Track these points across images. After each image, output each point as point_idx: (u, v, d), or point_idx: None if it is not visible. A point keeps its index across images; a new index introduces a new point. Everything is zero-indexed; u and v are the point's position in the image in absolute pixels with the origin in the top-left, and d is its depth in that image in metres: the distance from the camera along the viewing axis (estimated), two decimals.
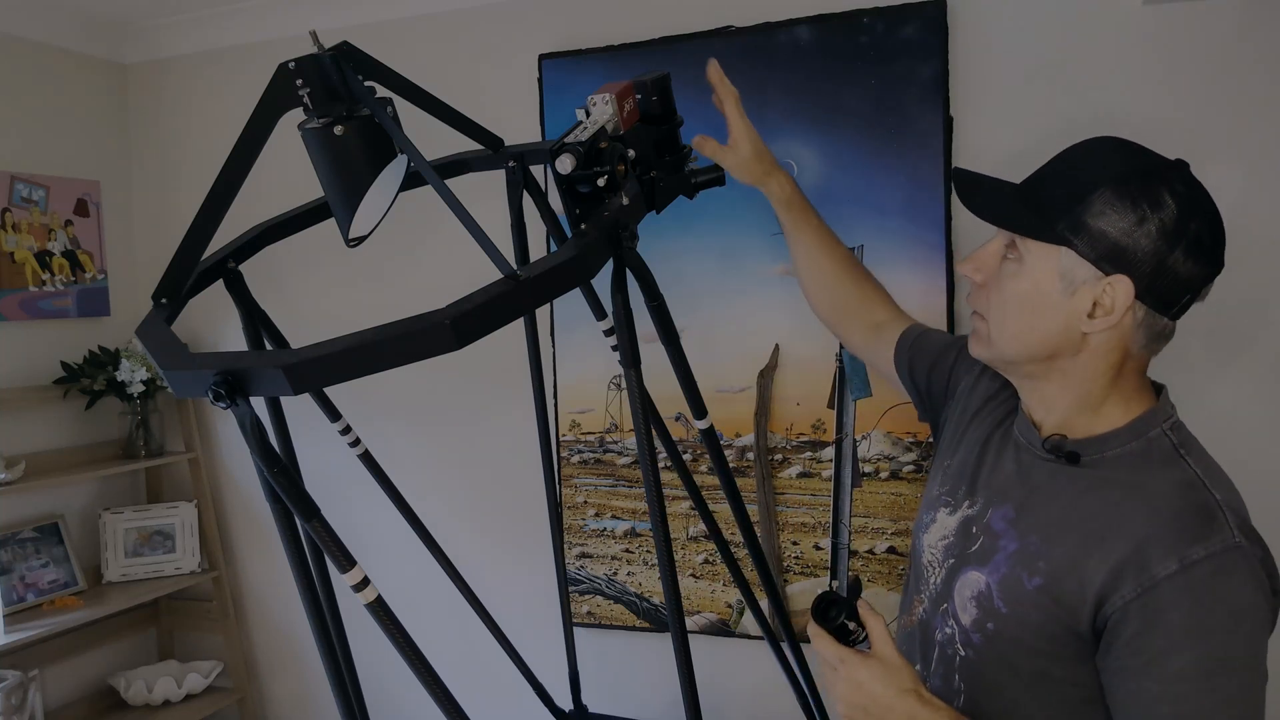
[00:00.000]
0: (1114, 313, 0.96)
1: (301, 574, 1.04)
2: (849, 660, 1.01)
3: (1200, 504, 0.93)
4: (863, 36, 1.98)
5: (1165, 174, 0.95)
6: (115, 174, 2.77)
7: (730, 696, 2.23)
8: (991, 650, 1.03)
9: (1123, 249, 0.94)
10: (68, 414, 2.61)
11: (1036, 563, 0.99)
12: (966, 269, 1.06)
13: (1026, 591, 0.99)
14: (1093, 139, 1.02)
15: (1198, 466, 0.97)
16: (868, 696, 0.99)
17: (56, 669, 2.53)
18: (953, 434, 1.21)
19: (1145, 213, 0.93)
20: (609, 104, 1.10)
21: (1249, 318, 1.82)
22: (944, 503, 1.15)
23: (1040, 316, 0.99)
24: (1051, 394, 1.04)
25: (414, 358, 0.90)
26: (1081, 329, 0.98)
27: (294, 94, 1.07)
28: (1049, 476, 1.03)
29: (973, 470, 1.13)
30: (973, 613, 1.05)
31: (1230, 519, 0.92)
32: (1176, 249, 0.94)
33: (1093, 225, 0.94)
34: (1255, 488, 1.02)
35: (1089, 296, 0.97)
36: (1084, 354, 1.00)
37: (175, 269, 1.10)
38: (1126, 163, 0.97)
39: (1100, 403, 1.02)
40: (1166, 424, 1.01)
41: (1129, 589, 0.92)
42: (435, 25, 2.40)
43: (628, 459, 2.27)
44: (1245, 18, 1.77)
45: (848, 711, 1.02)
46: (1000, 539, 1.04)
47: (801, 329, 2.09)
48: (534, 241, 1.66)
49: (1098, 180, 0.95)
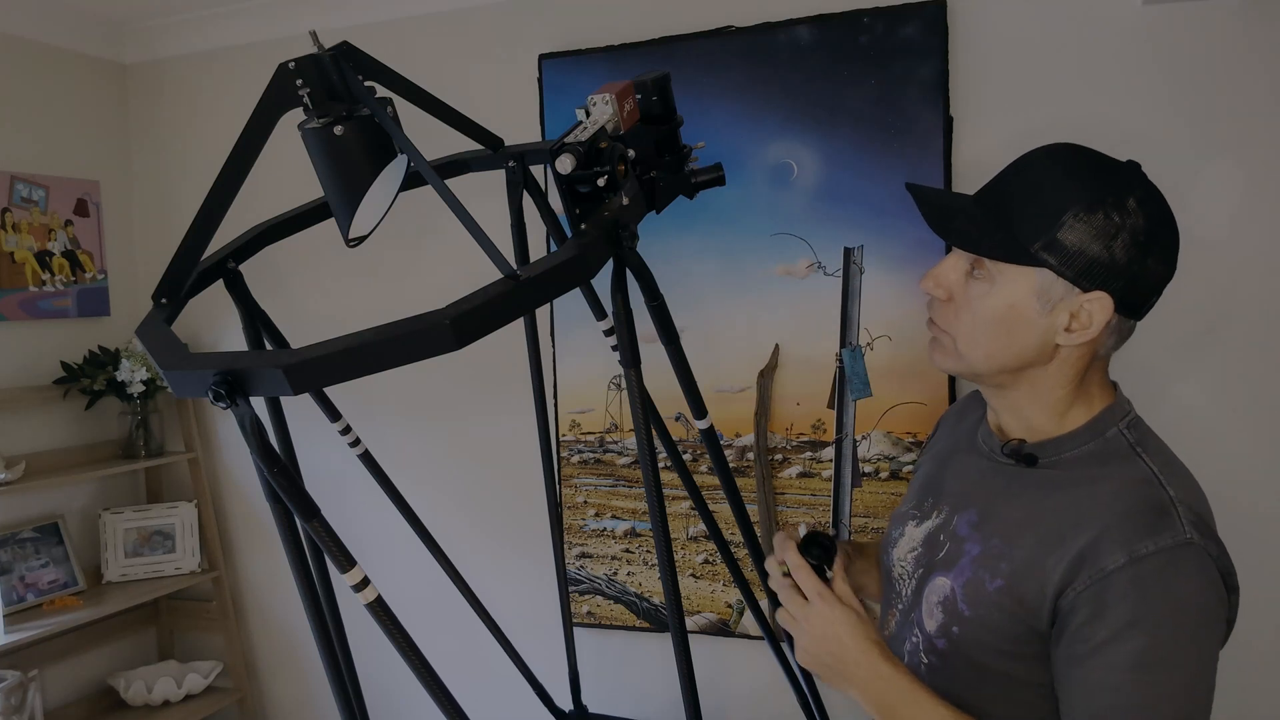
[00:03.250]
0: (1092, 326, 0.97)
1: (301, 574, 1.05)
2: (826, 598, 1.03)
3: (1153, 500, 0.94)
4: (863, 36, 1.98)
5: (1128, 181, 0.96)
6: (115, 174, 2.77)
7: (730, 696, 2.23)
8: (957, 655, 1.03)
9: (1100, 264, 0.94)
10: (68, 414, 2.61)
11: (999, 564, 1.00)
12: (928, 285, 1.05)
13: (988, 593, 0.99)
14: (1044, 150, 1.01)
15: (1154, 463, 0.98)
16: (835, 644, 1.01)
17: (56, 669, 2.53)
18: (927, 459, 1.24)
19: (1117, 226, 0.94)
20: (609, 104, 1.10)
21: (1249, 317, 1.82)
22: (911, 516, 1.17)
23: (1016, 334, 0.99)
24: (1019, 401, 1.05)
25: (414, 358, 0.90)
26: (1057, 342, 0.99)
27: (294, 94, 1.08)
28: (1010, 480, 1.04)
29: (937, 481, 1.14)
30: (938, 618, 1.05)
31: (1183, 515, 0.92)
32: (1149, 257, 0.95)
33: (1068, 244, 0.94)
34: (1215, 483, 1.02)
35: (1066, 311, 0.97)
36: (1054, 363, 1.01)
37: (175, 269, 1.10)
38: (1091, 175, 0.96)
39: (1068, 407, 1.03)
40: (1123, 422, 1.02)
41: (1081, 581, 0.93)
42: (435, 25, 2.40)
43: (628, 459, 2.27)
44: (1245, 18, 1.77)
45: (810, 661, 1.04)
46: (965, 543, 1.05)
47: (801, 329, 2.09)
48: (534, 241, 1.66)
49: (1066, 198, 0.95)
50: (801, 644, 1.06)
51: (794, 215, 2.07)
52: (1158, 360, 1.85)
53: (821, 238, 2.06)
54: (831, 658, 1.02)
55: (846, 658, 1.01)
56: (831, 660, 1.02)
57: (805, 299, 2.08)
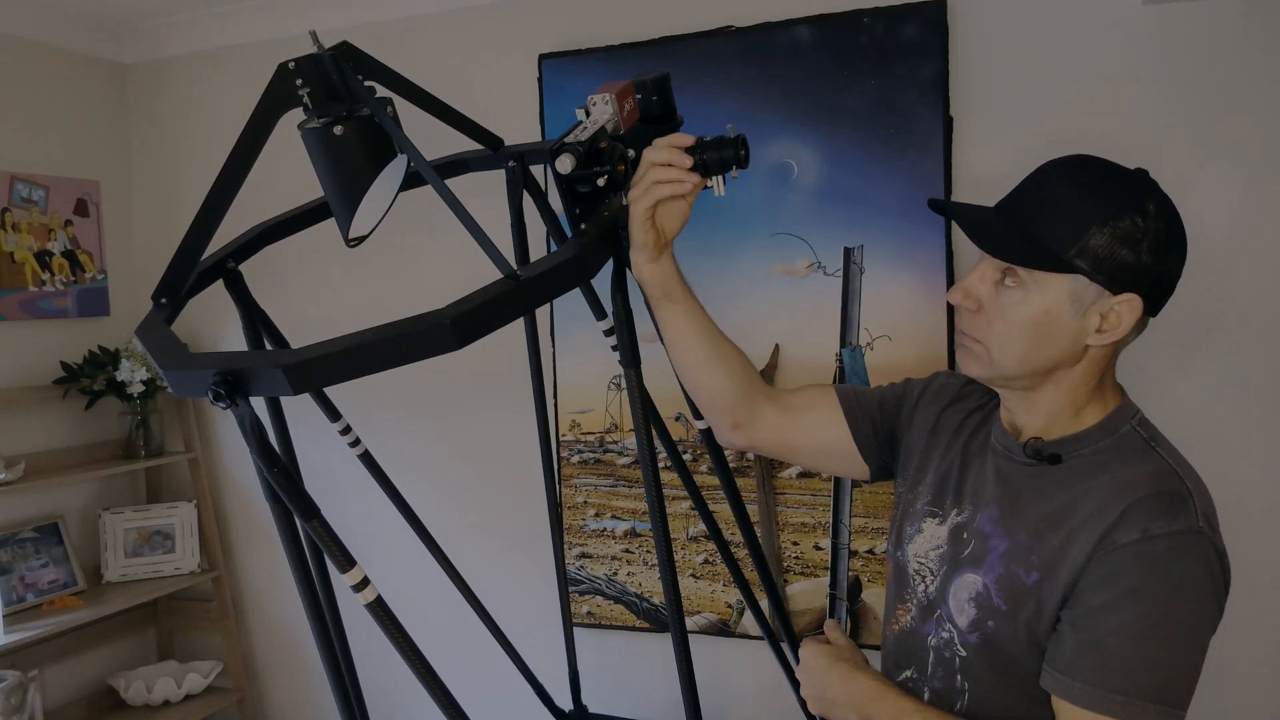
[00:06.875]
0: (1121, 326, 1.02)
1: (301, 574, 1.05)
2: (804, 644, 1.21)
3: (1172, 489, 0.99)
4: (863, 36, 1.98)
5: (1144, 188, 1.01)
6: (115, 174, 2.77)
7: (730, 696, 2.23)
8: (992, 648, 1.06)
9: (1129, 268, 0.99)
10: (67, 414, 2.61)
11: (1030, 558, 1.03)
12: (957, 298, 1.09)
13: (1026, 587, 1.03)
14: (1061, 162, 1.06)
15: (1169, 458, 1.03)
16: (815, 675, 1.17)
17: (56, 669, 2.53)
18: (921, 450, 1.24)
19: (1143, 231, 0.99)
20: (609, 104, 1.10)
21: (1248, 317, 1.82)
22: (930, 513, 1.19)
23: (1050, 338, 1.03)
24: (1043, 402, 1.08)
25: (414, 358, 0.90)
26: (1087, 343, 1.03)
27: (294, 94, 1.08)
28: (1031, 478, 1.08)
29: (957, 481, 1.17)
30: (971, 613, 1.07)
31: (1198, 507, 0.98)
32: (1170, 257, 1.01)
33: (1100, 250, 0.99)
34: (1211, 482, 1.04)
35: (1097, 313, 1.02)
36: (1082, 363, 1.05)
37: (175, 269, 1.10)
38: (1111, 184, 1.02)
39: (1085, 404, 1.07)
40: (1134, 420, 1.07)
41: (1096, 555, 0.98)
42: (435, 25, 2.40)
43: (628, 459, 2.27)
44: (1245, 18, 1.77)
45: (810, 703, 1.18)
46: (990, 539, 1.08)
47: (801, 329, 2.09)
48: (534, 241, 1.66)
49: (1092, 207, 1.00)
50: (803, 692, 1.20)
51: (794, 215, 2.07)
52: (1156, 360, 1.85)
53: (821, 238, 2.06)
54: (820, 700, 1.16)
55: (829, 691, 1.15)
56: (816, 693, 1.17)
57: (805, 299, 2.08)
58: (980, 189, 1.90)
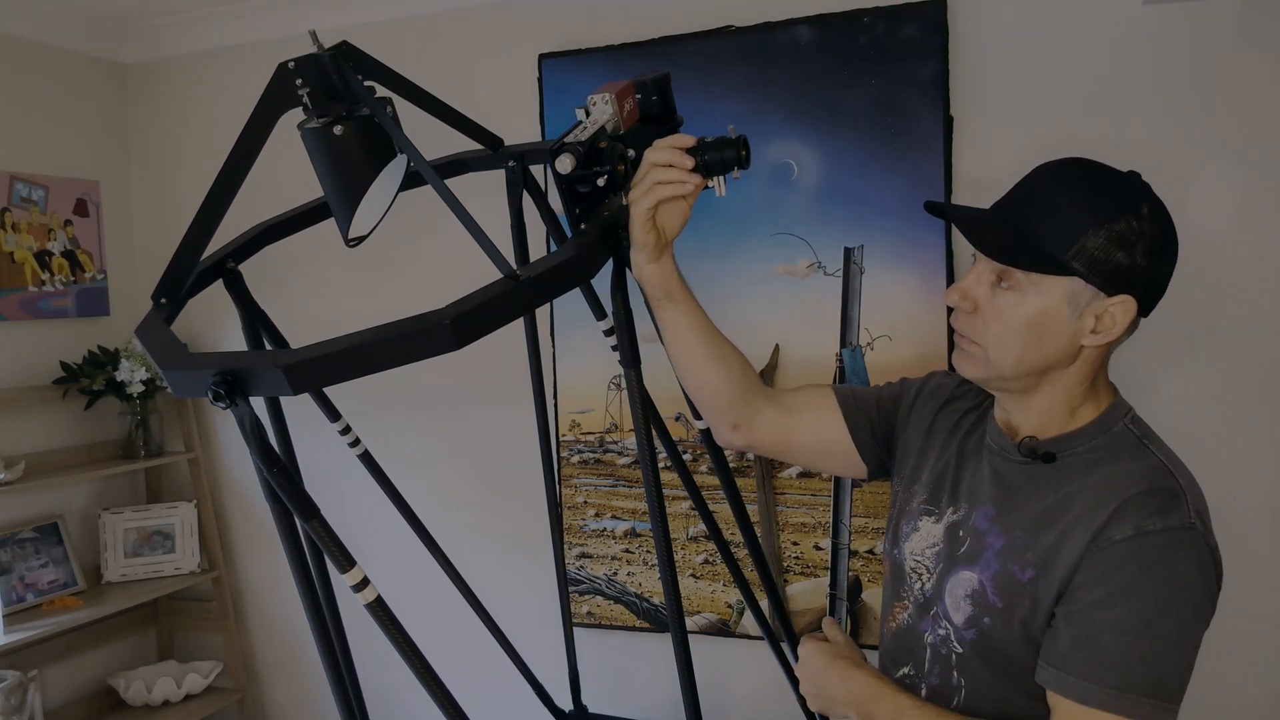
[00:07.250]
0: (1116, 327, 1.03)
1: (301, 574, 1.04)
2: (803, 642, 1.22)
3: (1165, 486, 1.00)
4: (863, 36, 1.98)
5: (1138, 191, 1.02)
6: (115, 174, 2.77)
7: (730, 696, 2.23)
8: (987, 644, 1.07)
9: (1125, 270, 1.00)
10: (67, 414, 2.61)
11: (1025, 555, 1.04)
12: (954, 299, 1.10)
13: (1022, 584, 1.04)
14: (1055, 164, 1.07)
15: (1162, 455, 1.04)
16: (814, 673, 1.18)
17: (56, 669, 2.53)
18: (918, 449, 1.25)
19: (1137, 234, 1.00)
20: (609, 104, 1.10)
21: (1247, 317, 1.82)
22: (926, 512, 1.19)
23: (1047, 339, 1.04)
24: (1038, 402, 1.09)
25: (414, 358, 0.90)
26: (1082, 343, 1.04)
27: (294, 94, 1.08)
28: (1026, 476, 1.09)
29: (953, 480, 1.18)
30: (967, 610, 1.09)
31: (1190, 504, 0.99)
32: (1163, 259, 1.03)
33: (1095, 253, 1.00)
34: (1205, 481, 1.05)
35: (1092, 315, 1.03)
36: (1076, 363, 1.06)
37: (175, 269, 1.10)
38: (1106, 188, 1.03)
39: (1080, 403, 1.09)
40: (1126, 418, 1.08)
41: (1090, 551, 0.99)
42: (435, 25, 2.40)
43: (628, 459, 2.27)
44: (1245, 18, 1.77)
45: (809, 701, 1.20)
46: (986, 537, 1.09)
47: (801, 329, 2.09)
48: (534, 241, 1.66)
49: (1088, 210, 1.01)
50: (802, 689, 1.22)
51: (794, 215, 2.07)
52: (1155, 360, 1.85)
53: (821, 238, 2.06)
54: (820, 697, 1.17)
55: (828, 688, 1.16)
56: (815, 690, 1.18)
57: (805, 299, 2.08)
58: (980, 189, 1.90)
